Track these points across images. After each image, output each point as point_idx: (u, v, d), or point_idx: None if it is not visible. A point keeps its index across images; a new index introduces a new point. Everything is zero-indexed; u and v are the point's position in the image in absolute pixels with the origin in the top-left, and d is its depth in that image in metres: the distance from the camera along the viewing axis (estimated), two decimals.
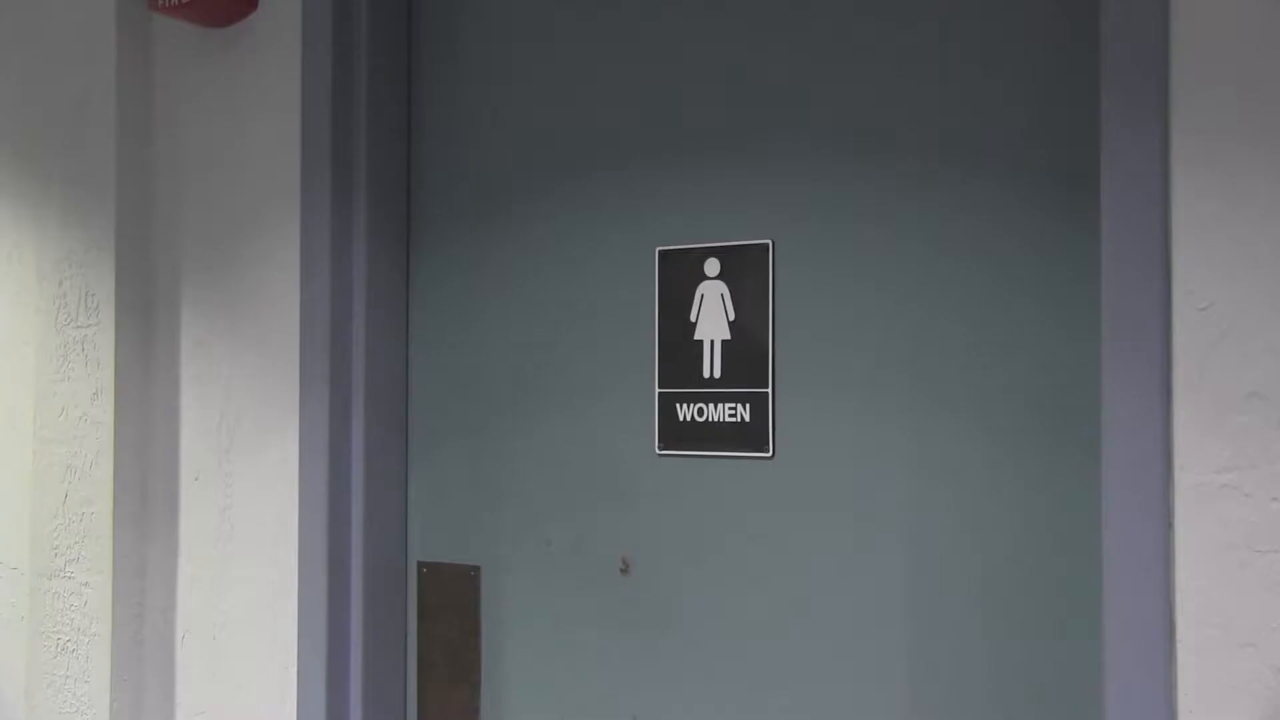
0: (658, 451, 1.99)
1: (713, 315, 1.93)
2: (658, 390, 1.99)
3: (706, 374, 1.94)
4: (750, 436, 1.90)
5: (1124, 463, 1.50)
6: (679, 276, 1.97)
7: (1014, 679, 1.70)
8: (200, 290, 2.40)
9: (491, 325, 2.19)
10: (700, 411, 1.95)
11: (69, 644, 2.43)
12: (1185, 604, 1.46)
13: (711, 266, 1.94)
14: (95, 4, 2.41)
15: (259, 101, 2.32)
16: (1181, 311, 1.47)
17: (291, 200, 2.26)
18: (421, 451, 2.27)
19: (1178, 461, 1.47)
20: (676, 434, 1.97)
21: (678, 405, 1.97)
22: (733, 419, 1.92)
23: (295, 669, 2.23)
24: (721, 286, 1.93)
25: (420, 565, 2.26)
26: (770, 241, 1.89)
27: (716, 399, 1.93)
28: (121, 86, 2.39)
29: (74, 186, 2.44)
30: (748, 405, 1.90)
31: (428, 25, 2.29)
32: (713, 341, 1.94)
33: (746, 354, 1.91)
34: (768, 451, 1.89)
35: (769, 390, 1.88)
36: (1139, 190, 1.49)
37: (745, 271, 1.91)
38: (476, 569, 2.19)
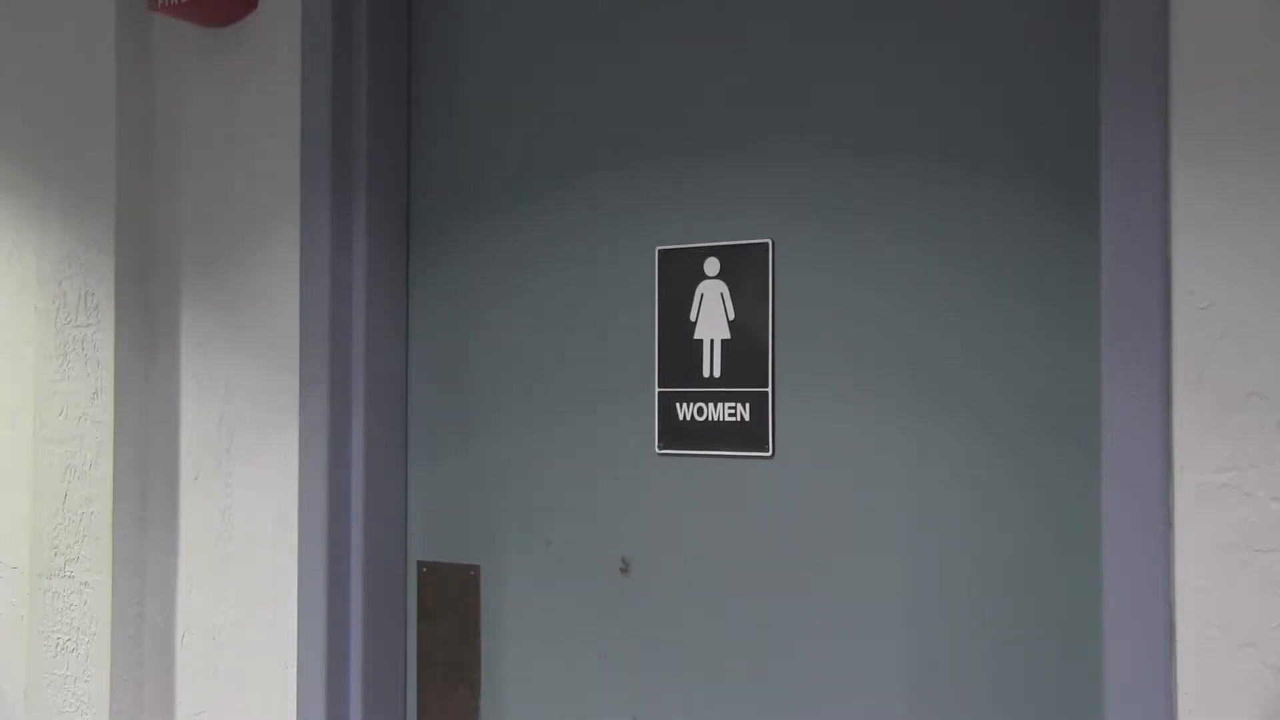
0: (658, 451, 1.99)
1: (713, 315, 1.93)
2: (657, 390, 1.99)
3: (706, 373, 1.94)
4: (750, 436, 1.90)
5: (1124, 463, 1.50)
6: (679, 276, 1.97)
7: (1014, 679, 1.70)
8: (200, 290, 2.40)
9: (492, 325, 2.19)
10: (700, 411, 1.95)
11: (69, 644, 2.43)
12: (1185, 604, 1.46)
13: (711, 266, 1.94)
14: (95, 4, 2.41)
15: (259, 101, 2.32)
16: (1181, 311, 1.47)
17: (291, 200, 2.26)
18: (421, 451, 2.27)
19: (1178, 461, 1.47)
20: (676, 433, 1.97)
21: (677, 405, 1.97)
22: (732, 418, 1.92)
23: (295, 669, 2.23)
24: (721, 286, 1.93)
25: (420, 565, 2.26)
26: (770, 241, 1.89)
27: (716, 398, 1.93)
28: (121, 87, 2.39)
29: (74, 186, 2.44)
30: (748, 405, 1.90)
31: (428, 25, 2.29)
32: (713, 341, 1.93)
33: (746, 354, 1.91)
34: (768, 451, 1.89)
35: (769, 390, 1.88)
36: (1139, 190, 1.49)
37: (745, 271, 1.91)
38: (476, 569, 2.19)
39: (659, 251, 2.00)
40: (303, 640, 2.21)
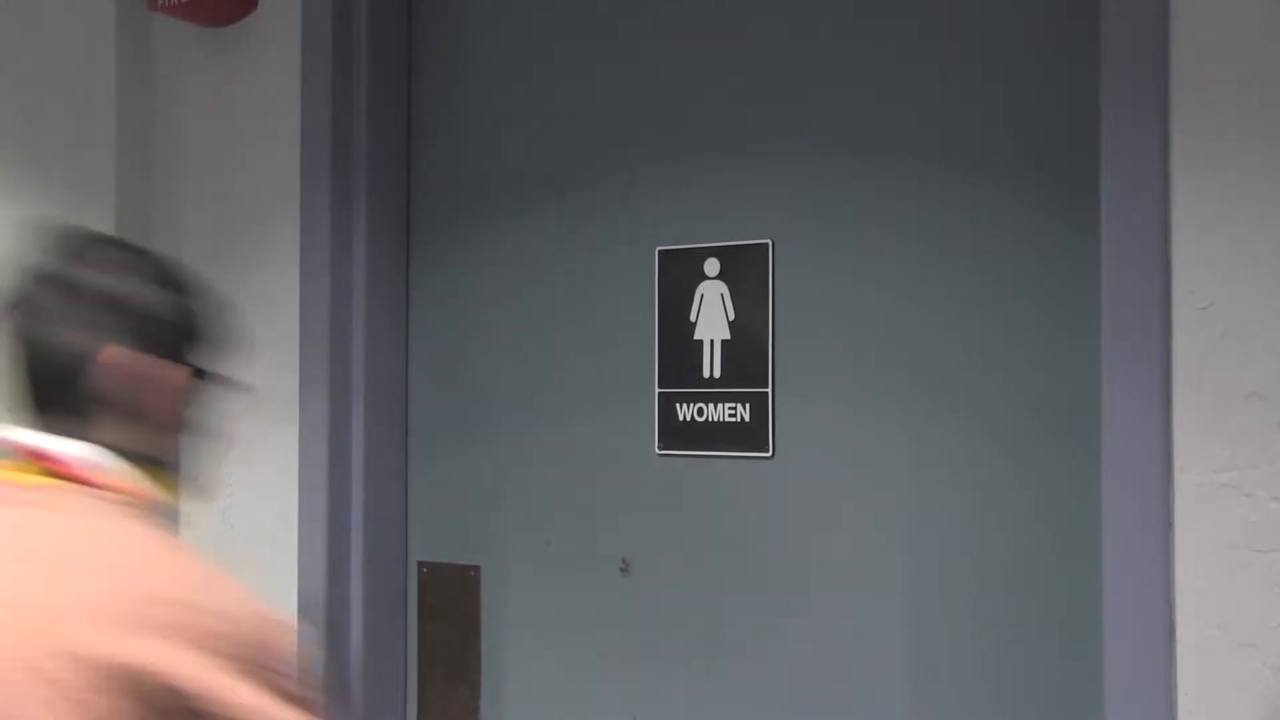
0: (658, 451, 1.99)
1: (713, 315, 1.93)
2: (658, 390, 1.99)
3: (707, 374, 1.94)
4: (750, 436, 1.90)
5: (1124, 463, 1.50)
6: (679, 276, 1.97)
7: (1014, 679, 1.70)
8: None
9: (492, 325, 2.19)
10: (700, 411, 1.95)
11: None
12: (1185, 604, 1.46)
13: (711, 266, 1.94)
14: (95, 5, 2.41)
15: (259, 101, 2.32)
16: (1181, 311, 1.47)
17: (291, 200, 2.26)
18: (421, 451, 2.27)
19: (1178, 461, 1.47)
20: (676, 434, 1.97)
21: (678, 405, 1.97)
22: (733, 419, 1.92)
23: None
24: (721, 286, 1.93)
25: (420, 565, 2.26)
26: (770, 241, 1.89)
27: (716, 399, 1.93)
28: (121, 87, 2.39)
29: (74, 187, 2.44)
30: (747, 405, 1.90)
31: (428, 25, 2.29)
32: (713, 341, 1.93)
33: (746, 354, 1.91)
34: (767, 451, 1.88)
35: (769, 390, 1.88)
36: (1139, 190, 1.49)
37: (745, 271, 1.91)
38: (476, 569, 2.19)
39: (659, 252, 1.99)
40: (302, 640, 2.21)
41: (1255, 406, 1.43)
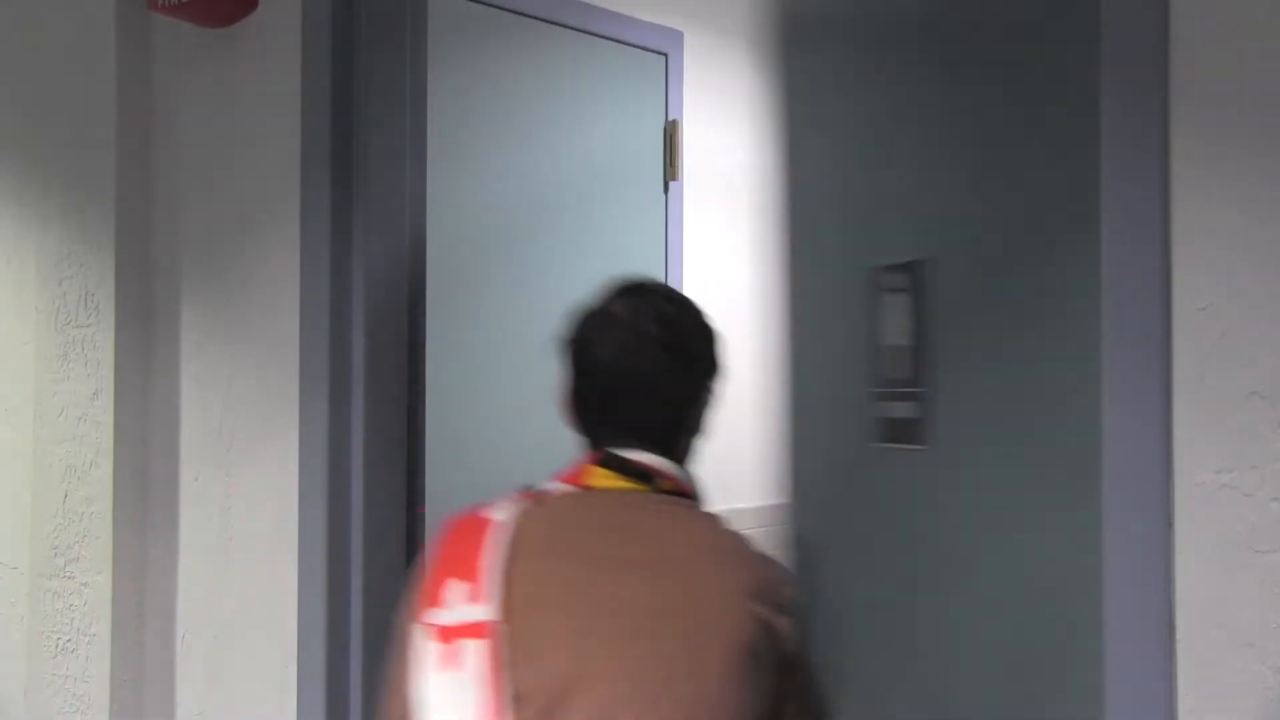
0: (871, 444, 1.98)
1: (895, 322, 1.94)
2: (871, 390, 1.98)
3: (892, 375, 1.94)
4: (918, 431, 1.90)
5: (1124, 463, 1.49)
6: (878, 287, 1.97)
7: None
8: (200, 290, 2.40)
9: None
10: (890, 409, 1.95)
11: (69, 644, 2.43)
12: (1185, 604, 1.46)
13: (893, 280, 1.93)
14: (95, 4, 2.41)
15: (259, 101, 2.32)
16: (1181, 311, 1.47)
17: (291, 200, 2.26)
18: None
19: (1178, 461, 1.47)
20: (879, 428, 1.97)
21: (880, 404, 1.96)
22: (910, 415, 1.92)
23: (295, 669, 2.23)
24: (903, 298, 1.93)
25: None
26: (932, 257, 1.88)
27: (900, 398, 1.93)
28: (121, 86, 2.40)
29: (74, 187, 2.45)
30: (918, 403, 1.90)
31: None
32: (895, 346, 1.94)
33: (918, 357, 1.90)
34: (928, 444, 1.88)
35: (929, 390, 1.88)
36: (1139, 190, 1.49)
37: (920, 284, 1.90)
38: None
39: (873, 270, 1.98)
40: (303, 640, 2.21)
41: (1255, 406, 1.42)
